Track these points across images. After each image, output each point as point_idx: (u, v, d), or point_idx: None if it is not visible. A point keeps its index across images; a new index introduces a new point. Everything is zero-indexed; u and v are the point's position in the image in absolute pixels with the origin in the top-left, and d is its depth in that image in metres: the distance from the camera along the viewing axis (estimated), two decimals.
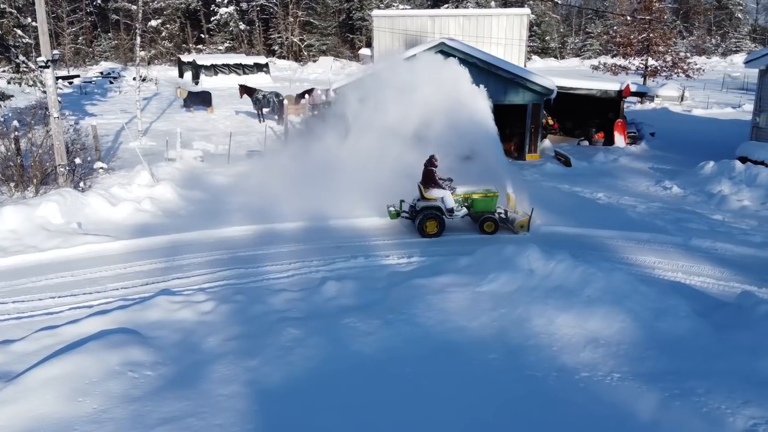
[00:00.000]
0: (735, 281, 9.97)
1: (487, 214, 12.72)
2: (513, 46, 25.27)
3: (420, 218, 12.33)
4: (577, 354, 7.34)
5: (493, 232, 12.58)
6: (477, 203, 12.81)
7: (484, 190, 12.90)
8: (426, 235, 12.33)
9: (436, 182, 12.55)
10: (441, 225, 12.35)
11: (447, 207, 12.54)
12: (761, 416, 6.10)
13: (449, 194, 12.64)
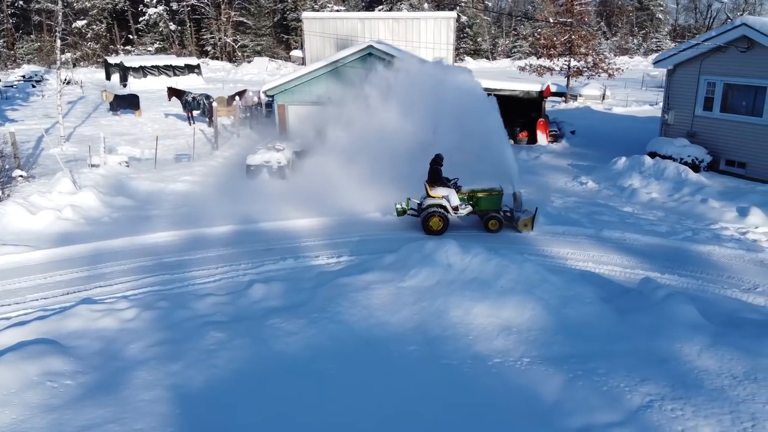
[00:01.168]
0: (640, 269, 10.73)
1: (491, 212, 12.96)
2: (441, 48, 25.89)
3: (424, 216, 12.66)
4: (491, 341, 7.78)
5: (498, 230, 12.81)
6: (481, 201, 13.03)
7: (489, 189, 13.12)
8: (430, 232, 12.56)
9: (441, 181, 12.86)
10: (445, 222, 12.62)
11: (452, 205, 12.83)
12: (657, 393, 6.68)
13: (454, 192, 12.93)
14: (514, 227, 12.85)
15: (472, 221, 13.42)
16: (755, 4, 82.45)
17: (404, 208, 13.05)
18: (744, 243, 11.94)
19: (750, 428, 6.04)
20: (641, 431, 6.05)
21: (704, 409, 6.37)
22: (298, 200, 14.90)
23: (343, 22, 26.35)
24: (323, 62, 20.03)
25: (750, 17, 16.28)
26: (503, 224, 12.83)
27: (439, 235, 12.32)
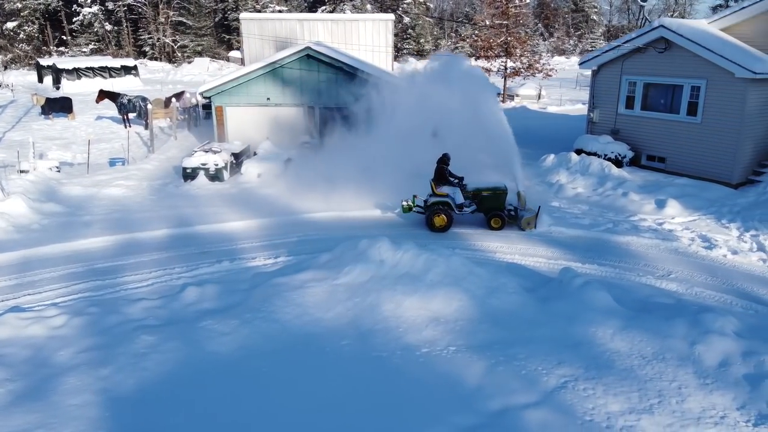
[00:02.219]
0: (563, 259, 11.31)
1: (495, 210, 13.19)
2: (381, 50, 26.20)
3: (429, 213, 12.95)
4: (420, 332, 8.11)
5: (500, 228, 13.02)
6: (486, 200, 13.21)
7: (494, 188, 13.28)
8: (434, 229, 12.88)
9: (446, 179, 13.13)
10: (449, 220, 12.90)
11: (456, 203, 13.09)
12: (571, 374, 7.16)
13: (459, 191, 13.21)
14: (517, 226, 13.12)
15: (477, 219, 13.62)
16: (685, 5, 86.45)
17: (410, 205, 13.34)
18: (660, 233, 12.75)
19: (656, 404, 6.57)
20: (555, 410, 6.49)
21: (614, 387, 6.89)
22: (237, 202, 14.92)
23: (282, 23, 26.28)
24: (261, 63, 19.99)
25: (667, 19, 17.30)
26: (506, 223, 13.11)
27: (443, 233, 12.82)
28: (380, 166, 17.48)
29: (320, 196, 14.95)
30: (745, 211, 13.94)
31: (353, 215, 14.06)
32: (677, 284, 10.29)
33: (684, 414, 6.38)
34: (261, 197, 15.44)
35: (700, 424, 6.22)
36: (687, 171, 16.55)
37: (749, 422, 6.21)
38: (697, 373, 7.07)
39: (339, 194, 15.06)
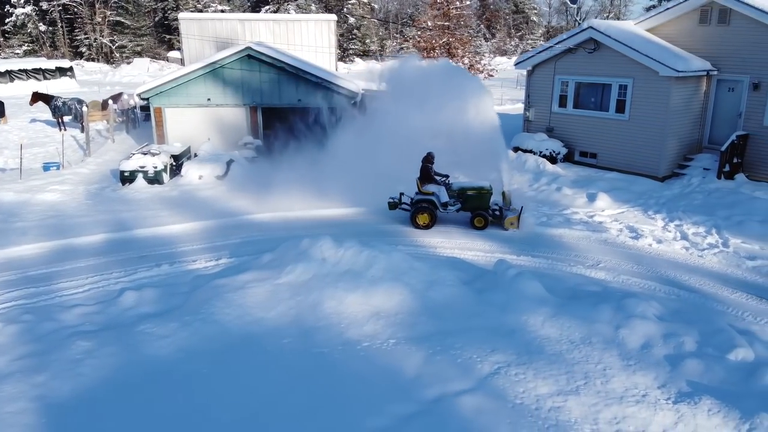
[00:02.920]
0: (499, 252, 11.72)
1: (480, 210, 13.30)
2: (324, 51, 26.26)
3: (413, 211, 13.13)
4: (361, 327, 8.29)
5: (483, 228, 13.13)
6: (470, 199, 13.33)
7: (478, 187, 13.38)
8: (418, 226, 13.10)
9: (431, 178, 13.26)
10: (433, 218, 13.09)
11: (441, 201, 13.23)
12: (504, 360, 7.49)
13: (444, 189, 13.34)
14: (501, 225, 13.25)
15: (463, 217, 13.77)
16: (620, 6, 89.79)
17: (396, 202, 13.51)
18: (591, 225, 13.36)
19: (582, 386, 6.96)
20: (488, 395, 6.79)
21: (544, 371, 7.25)
22: (178, 205, 14.71)
23: (223, 23, 25.98)
24: (201, 63, 19.71)
25: (596, 21, 18.10)
26: (489, 222, 13.27)
27: (427, 230, 13.02)
28: (327, 166, 17.56)
29: (263, 197, 14.93)
30: (670, 202, 14.77)
31: (298, 215, 14.10)
32: (605, 273, 10.85)
33: (608, 394, 6.79)
34: (202, 199, 15.28)
35: (622, 403, 6.63)
36: (617, 166, 17.40)
37: (669, 400, 6.65)
38: (621, 355, 7.53)
39: (283, 195, 15.06)
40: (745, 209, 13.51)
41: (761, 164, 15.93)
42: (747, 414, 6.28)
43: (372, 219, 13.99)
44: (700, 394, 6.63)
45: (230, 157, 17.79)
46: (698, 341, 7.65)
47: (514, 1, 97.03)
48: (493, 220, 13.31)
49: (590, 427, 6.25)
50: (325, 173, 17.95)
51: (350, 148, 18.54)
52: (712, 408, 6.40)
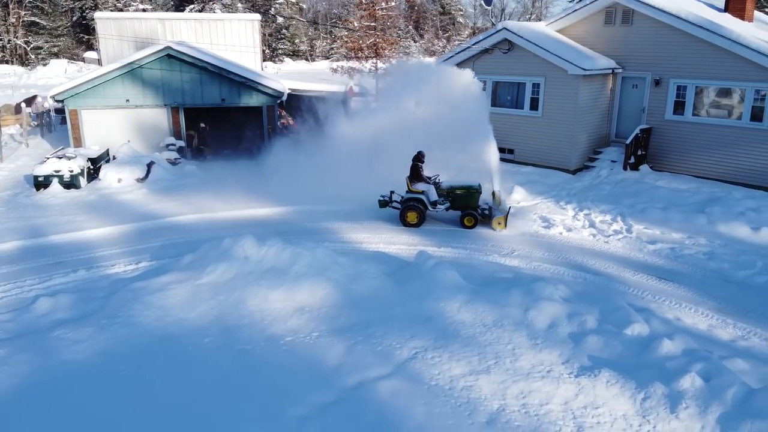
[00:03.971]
0: (422, 245, 12.09)
1: (468, 209, 13.36)
2: (248, 50, 26.04)
3: (402, 209, 13.29)
4: (285, 322, 8.41)
5: (473, 227, 13.25)
6: (459, 199, 13.44)
7: (467, 186, 13.47)
8: (407, 224, 13.28)
9: (420, 177, 13.38)
10: (421, 216, 13.23)
11: (430, 200, 13.33)
12: (421, 345, 7.81)
13: (433, 188, 13.46)
14: (489, 225, 13.34)
15: (453, 216, 13.91)
16: (541, 8, 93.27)
17: (386, 201, 13.65)
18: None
19: (493, 365, 7.37)
20: (405, 379, 7.09)
21: (458, 353, 7.63)
22: (96, 209, 14.28)
23: (142, 23, 25.29)
24: (118, 64, 19.15)
25: (510, 22, 18.90)
26: (478, 221, 13.37)
27: (416, 228, 13.22)
28: (255, 165, 17.49)
29: (186, 198, 14.73)
30: (581, 193, 15.68)
31: (223, 216, 14.01)
32: (518, 260, 11.45)
33: (516, 371, 7.23)
34: (122, 203, 14.90)
35: (529, 379, 7.08)
36: (532, 160, 18.26)
37: (571, 374, 7.15)
38: (529, 335, 8.01)
39: (207, 196, 14.91)
40: (648, 197, 14.55)
41: (663, 155, 17.15)
42: (642, 383, 6.84)
43: (299, 218, 14.09)
44: (600, 367, 7.17)
45: (151, 159, 17.39)
46: (599, 319, 8.25)
47: (440, 3, 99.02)
48: (483, 220, 13.43)
49: (499, 403, 6.65)
50: (253, 172, 17.94)
51: (279, 147, 18.54)
52: (610, 379, 6.94)
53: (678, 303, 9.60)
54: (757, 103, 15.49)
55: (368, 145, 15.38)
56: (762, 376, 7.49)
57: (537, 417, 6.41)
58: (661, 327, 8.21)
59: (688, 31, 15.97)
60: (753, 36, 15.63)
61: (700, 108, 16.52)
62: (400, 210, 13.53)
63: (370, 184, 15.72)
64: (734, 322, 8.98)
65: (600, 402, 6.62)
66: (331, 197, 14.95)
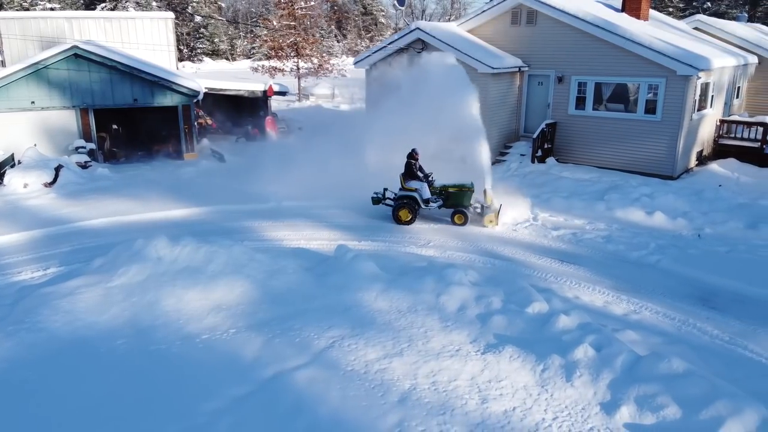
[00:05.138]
0: (342, 239, 12.30)
1: (460, 207, 13.42)
2: (162, 49, 25.34)
3: (395, 206, 13.40)
4: (201, 321, 8.40)
5: (463, 224, 13.37)
6: (452, 197, 13.54)
7: (460, 185, 13.54)
8: (400, 222, 13.42)
9: (413, 174, 13.47)
10: (414, 214, 13.32)
11: (423, 198, 13.42)
12: (339, 334, 8.03)
13: (426, 186, 13.52)
14: (480, 222, 13.40)
15: (445, 214, 13.95)
16: (460, 9, 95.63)
17: (379, 198, 13.77)
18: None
19: (406, 348, 7.70)
20: (322, 367, 7.29)
21: (374, 339, 7.91)
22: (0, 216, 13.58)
23: (47, 22, 24.03)
24: (22, 65, 18.19)
25: (422, 22, 19.47)
26: (468, 219, 13.41)
27: (408, 225, 13.35)
28: (171, 168, 17.14)
29: (98, 201, 14.26)
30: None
31: (137, 219, 13.67)
32: (434, 250, 11.92)
33: (427, 352, 7.59)
34: (29, 208, 14.22)
35: (439, 358, 7.46)
36: None
37: (478, 352, 7.60)
38: (441, 318, 8.41)
39: (120, 199, 14.50)
40: (553, 187, 15.45)
41: (567, 148, 18.23)
42: (541, 356, 7.37)
43: (218, 217, 13.98)
44: (504, 344, 7.65)
45: (59, 163, 16.67)
46: (504, 300, 8.77)
47: (362, 3, 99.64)
48: (474, 218, 13.60)
49: (410, 382, 6.98)
50: (169, 174, 17.59)
51: (198, 147, 18.21)
52: (513, 354, 7.43)
53: (578, 283, 10.35)
54: (650, 97, 16.77)
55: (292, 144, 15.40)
56: (650, 345, 8.20)
57: (445, 393, 6.78)
58: (560, 305, 8.82)
59: (586, 31, 17.07)
60: (647, 34, 16.91)
61: (599, 103, 17.69)
62: (393, 207, 13.66)
63: (294, 182, 15.87)
64: (628, 298, 9.78)
65: (503, 375, 7.09)
66: (251, 196, 14.92)
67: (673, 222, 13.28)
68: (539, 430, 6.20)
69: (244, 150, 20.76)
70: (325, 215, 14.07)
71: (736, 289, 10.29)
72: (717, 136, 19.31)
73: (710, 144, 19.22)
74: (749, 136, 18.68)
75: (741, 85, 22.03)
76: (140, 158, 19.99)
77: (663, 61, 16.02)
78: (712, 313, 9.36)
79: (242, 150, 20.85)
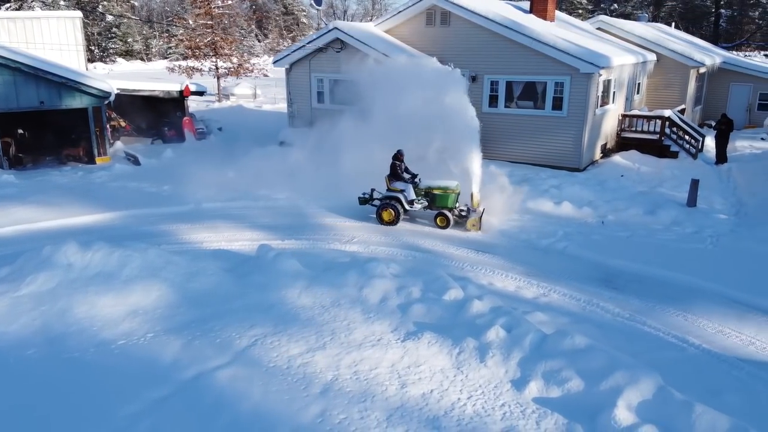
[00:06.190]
0: (265, 239, 12.27)
1: (444, 209, 13.14)
2: (70, 50, 24.17)
3: (378, 207, 13.36)
4: (116, 327, 8.19)
5: (445, 227, 13.15)
6: (437, 199, 13.38)
7: (444, 187, 13.33)
8: (383, 222, 13.36)
9: (398, 175, 13.46)
10: (397, 215, 13.23)
11: (408, 199, 13.35)
12: (261, 333, 8.05)
13: (411, 187, 13.49)
14: (464, 226, 13.11)
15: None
16: (381, 10, 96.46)
17: (366, 198, 13.73)
18: None
19: (329, 341, 7.84)
20: (244, 365, 7.30)
21: (297, 335, 8.00)
22: None
23: None
24: None
25: (340, 22, 19.66)
26: (451, 222, 13.14)
27: (392, 226, 13.29)
28: (82, 172, 16.43)
29: (1, 210, 13.47)
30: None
31: (45, 226, 13.05)
32: (357, 246, 12.13)
33: (350, 344, 7.77)
34: None
35: (361, 349, 7.66)
36: None
37: (399, 340, 7.85)
38: (363, 311, 8.62)
39: (27, 206, 13.78)
40: None
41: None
42: (456, 340, 7.71)
43: (134, 222, 13.58)
44: (423, 330, 7.95)
45: None
46: (423, 289, 9.09)
47: (283, 3, 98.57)
48: (459, 221, 13.33)
49: (332, 374, 7.14)
50: (81, 178, 16.87)
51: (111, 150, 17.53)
52: (431, 340, 7.74)
53: (492, 270, 10.87)
54: (557, 94, 17.73)
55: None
56: (558, 325, 8.75)
57: (366, 381, 6.99)
58: (475, 291, 9.24)
59: (496, 31, 17.82)
60: (552, 35, 17.87)
61: (510, 101, 18.51)
62: (377, 208, 13.57)
63: (213, 183, 15.63)
64: (537, 282, 10.38)
65: (422, 361, 7.38)
66: (168, 199, 14.58)
67: (580, 211, 14.15)
68: (455, 410, 6.52)
69: (160, 152, 20.14)
70: (247, 216, 13.97)
71: (635, 270, 11.12)
72: (620, 129, 20.66)
73: (613, 137, 20.54)
74: (649, 129, 20.13)
75: (641, 81, 23.63)
76: (49, 163, 19.02)
77: (567, 60, 16.98)
78: (614, 293, 10.09)
79: (158, 152, 20.23)
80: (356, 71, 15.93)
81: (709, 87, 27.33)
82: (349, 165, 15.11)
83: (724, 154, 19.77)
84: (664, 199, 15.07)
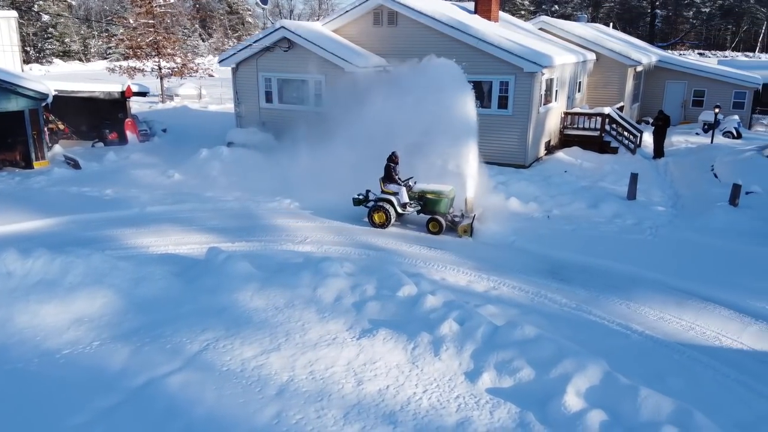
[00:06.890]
0: (215, 242, 12.06)
1: (437, 214, 12.87)
2: (5, 50, 23.07)
3: (370, 209, 13.16)
4: (61, 336, 7.91)
5: (437, 233, 12.84)
6: (430, 203, 13.14)
7: (438, 191, 13.06)
8: (375, 225, 13.16)
9: (392, 178, 13.23)
10: (388, 217, 13.02)
11: (401, 202, 13.11)
12: (213, 337, 7.92)
13: (404, 190, 13.23)
14: (455, 231, 12.78)
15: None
16: (328, 10, 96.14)
17: (360, 199, 13.50)
18: (294, 210, 14.56)
19: (284, 342, 7.78)
20: (196, 370, 7.17)
21: (250, 338, 7.91)
22: None
23: None
24: None
25: (287, 21, 19.50)
26: (443, 227, 12.78)
27: (383, 229, 13.10)
28: (20, 177, 15.73)
29: None
30: None
31: None
32: (311, 246, 12.08)
33: (305, 344, 7.74)
34: None
35: (316, 348, 7.65)
36: None
37: (354, 338, 7.87)
38: (318, 311, 8.60)
39: None
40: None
41: None
42: (411, 335, 7.80)
43: (76, 227, 13.09)
44: (378, 327, 8.00)
45: None
46: (377, 287, 9.13)
47: (227, 2, 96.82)
48: (451, 226, 12.94)
49: (288, 374, 7.10)
50: (18, 184, 16.19)
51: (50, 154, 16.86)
52: (386, 337, 7.80)
53: (444, 266, 11.03)
54: (502, 93, 18.12)
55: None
56: (508, 316, 8.96)
57: (323, 380, 6.99)
58: (428, 287, 9.35)
59: (443, 31, 18.07)
60: (497, 35, 18.23)
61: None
62: (369, 210, 13.34)
63: (158, 186, 15.24)
64: (488, 276, 10.60)
65: (378, 357, 7.43)
66: (111, 203, 14.13)
67: (526, 206, 14.53)
68: (411, 404, 6.60)
69: (101, 155, 19.45)
70: (195, 219, 13.69)
71: (580, 262, 11.51)
72: (562, 127, 21.30)
73: (557, 134, 21.17)
74: (590, 126, 20.84)
75: (582, 79, 24.43)
76: None
77: (511, 60, 17.39)
78: (561, 285, 10.42)
79: (100, 155, 19.54)
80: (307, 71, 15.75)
81: (646, 85, 28.51)
82: (302, 164, 15.02)
83: (661, 149, 20.69)
84: (606, 193, 15.64)
